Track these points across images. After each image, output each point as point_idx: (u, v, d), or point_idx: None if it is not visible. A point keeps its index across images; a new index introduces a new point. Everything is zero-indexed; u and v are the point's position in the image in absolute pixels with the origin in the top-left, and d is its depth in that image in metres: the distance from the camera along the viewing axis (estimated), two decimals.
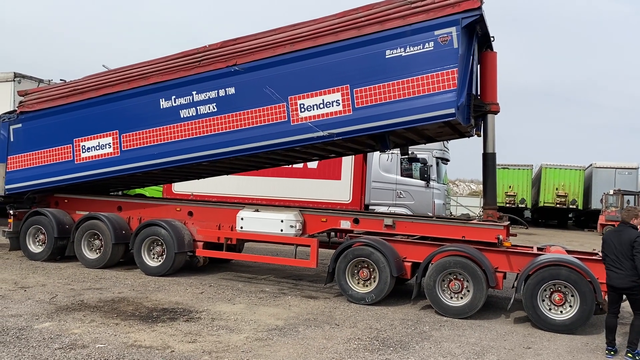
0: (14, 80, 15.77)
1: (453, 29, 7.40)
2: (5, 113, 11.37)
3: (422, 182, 15.59)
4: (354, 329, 6.92)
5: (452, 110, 7.41)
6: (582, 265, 7.44)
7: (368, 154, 14.77)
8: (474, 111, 8.57)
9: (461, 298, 7.94)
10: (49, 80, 16.11)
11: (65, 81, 11.48)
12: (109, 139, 9.95)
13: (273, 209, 9.85)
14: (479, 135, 9.12)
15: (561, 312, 7.44)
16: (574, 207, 34.77)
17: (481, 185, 10.00)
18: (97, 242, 10.46)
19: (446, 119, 7.58)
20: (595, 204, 32.88)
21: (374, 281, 8.37)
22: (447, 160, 17.16)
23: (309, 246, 9.11)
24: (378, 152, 15.70)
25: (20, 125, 11.01)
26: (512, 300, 7.76)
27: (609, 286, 6.39)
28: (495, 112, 8.75)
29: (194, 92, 9.15)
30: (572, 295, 7.38)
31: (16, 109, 11.37)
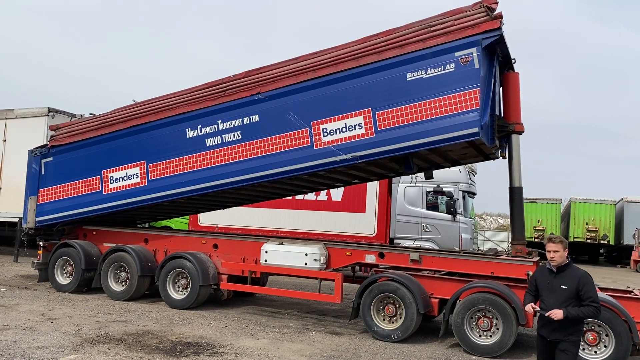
0: (47, 115, 16.23)
1: (473, 50, 7.44)
2: (37, 147, 11.67)
3: (449, 216, 15.40)
4: None
5: (476, 130, 7.37)
6: (617, 303, 7.20)
7: (393, 187, 14.72)
8: (498, 131, 8.52)
9: (490, 336, 7.72)
10: (81, 115, 16.54)
11: (94, 115, 11.78)
12: (137, 169, 10.12)
13: (297, 242, 9.82)
14: (504, 157, 9.03)
15: (595, 352, 7.18)
16: (606, 242, 33.85)
17: (509, 220, 9.81)
18: (123, 274, 10.53)
19: (470, 139, 7.55)
20: (627, 239, 31.97)
21: (400, 318, 8.21)
22: (474, 193, 16.95)
23: (333, 280, 9.02)
24: (403, 185, 15.73)
25: (51, 158, 11.28)
26: None
27: None
28: (520, 132, 8.67)
29: (219, 121, 9.29)
30: (607, 335, 7.12)
31: (47, 143, 11.68)
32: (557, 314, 4.93)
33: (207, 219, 15.41)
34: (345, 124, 8.25)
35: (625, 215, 33.08)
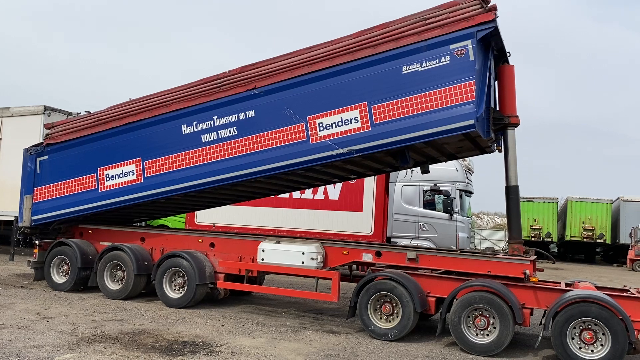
0: (43, 113, 16.18)
1: (468, 42, 7.46)
2: (33, 146, 11.59)
3: (446, 215, 15.43)
4: None
5: (472, 122, 7.38)
6: (613, 302, 7.19)
7: (390, 185, 14.73)
8: (494, 124, 8.53)
9: (487, 335, 7.72)
10: (77, 113, 16.47)
11: (90, 112, 11.73)
12: (132, 167, 10.09)
13: (294, 240, 9.80)
14: (500, 151, 9.06)
15: (592, 351, 7.17)
16: (602, 241, 33.99)
17: (505, 218, 9.83)
18: (119, 273, 10.48)
19: (466, 131, 7.56)
20: (623, 238, 32.10)
21: (397, 316, 8.20)
22: (471, 192, 16.98)
23: (330, 279, 9.00)
24: (400, 184, 15.73)
25: (46, 157, 11.22)
26: (540, 338, 7.52)
27: None
28: (515, 125, 8.68)
29: (214, 117, 9.28)
30: (603, 334, 7.12)
31: (43, 141, 11.61)
32: None
33: (204, 217, 15.38)
34: (341, 118, 8.25)
35: (622, 214, 33.21)
